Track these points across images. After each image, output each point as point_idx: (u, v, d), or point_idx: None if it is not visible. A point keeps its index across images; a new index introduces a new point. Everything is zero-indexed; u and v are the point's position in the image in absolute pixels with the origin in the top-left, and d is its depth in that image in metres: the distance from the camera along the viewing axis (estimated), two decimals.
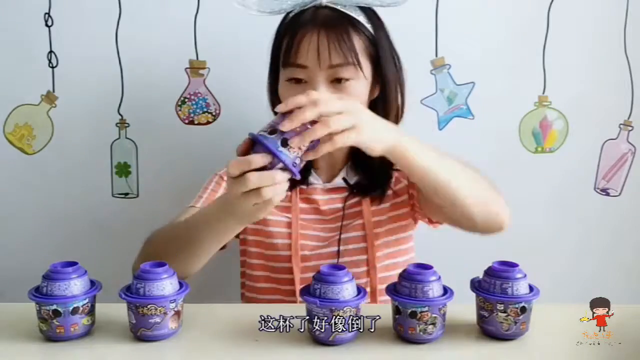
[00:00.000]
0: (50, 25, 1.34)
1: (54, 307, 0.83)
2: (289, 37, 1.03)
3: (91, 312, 0.86)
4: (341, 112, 0.81)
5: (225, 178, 1.16)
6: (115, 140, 1.40)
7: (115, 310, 0.88)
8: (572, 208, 1.45)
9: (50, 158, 1.40)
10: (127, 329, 0.87)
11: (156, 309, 0.83)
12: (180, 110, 1.39)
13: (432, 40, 1.37)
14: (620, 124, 1.42)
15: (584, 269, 1.47)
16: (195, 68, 1.37)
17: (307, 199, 1.16)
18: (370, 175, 1.14)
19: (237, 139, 1.38)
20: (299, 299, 1.02)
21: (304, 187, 1.15)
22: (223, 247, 1.18)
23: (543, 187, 1.44)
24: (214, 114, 1.39)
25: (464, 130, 1.40)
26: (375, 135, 0.85)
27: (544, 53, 1.38)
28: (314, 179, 1.16)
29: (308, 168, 1.14)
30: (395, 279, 0.88)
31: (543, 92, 1.40)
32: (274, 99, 1.13)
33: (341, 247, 1.12)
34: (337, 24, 1.01)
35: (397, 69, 1.11)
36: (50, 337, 0.85)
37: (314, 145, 0.80)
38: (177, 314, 0.85)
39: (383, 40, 1.08)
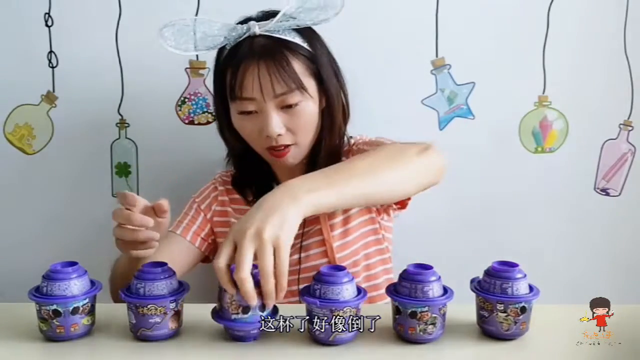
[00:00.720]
0: (51, 26, 1.34)
1: (54, 307, 0.83)
2: (231, 71, 1.05)
3: (91, 312, 0.86)
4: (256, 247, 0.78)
5: (197, 200, 1.23)
6: (115, 140, 1.40)
7: (115, 310, 0.88)
8: (572, 208, 1.45)
9: (50, 158, 1.40)
10: (127, 329, 0.87)
11: (156, 309, 0.83)
12: (180, 110, 1.39)
13: (432, 40, 1.37)
14: (620, 124, 1.42)
15: (584, 268, 1.47)
16: (195, 68, 1.37)
17: None
18: None
19: None
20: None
21: None
22: (209, 261, 1.23)
23: (543, 187, 1.44)
24: (214, 114, 1.39)
25: (464, 130, 1.40)
26: (283, 225, 0.80)
27: (544, 53, 1.38)
28: None
29: (270, 184, 1.18)
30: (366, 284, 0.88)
31: (543, 92, 1.40)
32: (224, 131, 1.15)
33: (302, 254, 1.16)
34: (275, 53, 1.03)
35: (337, 79, 1.13)
36: (50, 337, 0.85)
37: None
38: (177, 313, 0.86)
39: (322, 55, 1.10)
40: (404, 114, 1.39)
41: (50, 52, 1.35)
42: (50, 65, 1.36)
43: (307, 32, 1.09)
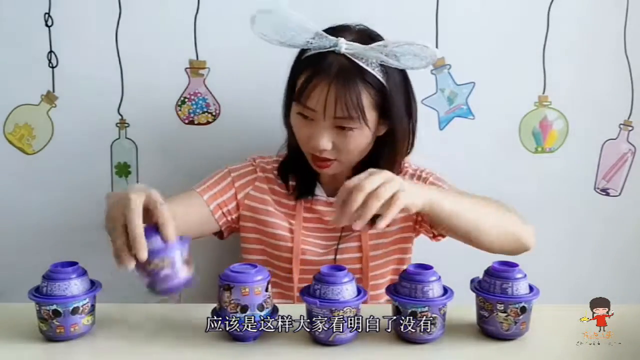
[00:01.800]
0: (51, 26, 1.34)
1: (54, 307, 0.83)
2: (304, 77, 1.06)
3: (91, 312, 0.86)
4: (382, 184, 0.86)
5: (232, 174, 1.21)
6: (115, 140, 1.40)
7: (115, 310, 0.88)
8: (572, 208, 1.45)
9: (50, 158, 1.39)
10: (127, 329, 0.87)
11: (163, 261, 0.81)
12: (180, 110, 1.39)
13: (432, 40, 1.36)
14: (620, 124, 1.42)
15: (584, 268, 1.47)
16: (195, 68, 1.37)
17: (311, 209, 1.19)
18: None
19: (237, 139, 1.40)
20: (296, 300, 1.09)
21: (308, 197, 1.19)
22: (221, 237, 1.23)
23: (543, 187, 1.44)
24: (214, 113, 1.39)
25: (464, 130, 1.40)
26: (413, 197, 0.90)
27: (544, 53, 1.38)
28: (319, 192, 1.20)
29: (314, 181, 1.19)
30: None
31: (543, 92, 1.40)
32: (287, 120, 1.16)
33: (337, 256, 1.17)
34: (349, 79, 1.03)
35: (409, 116, 1.13)
36: (50, 337, 0.85)
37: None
38: (187, 262, 0.84)
39: (396, 91, 1.09)
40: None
41: (50, 52, 1.35)
42: (50, 65, 1.36)
43: (393, 71, 1.07)
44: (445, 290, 0.86)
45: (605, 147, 1.43)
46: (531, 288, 0.87)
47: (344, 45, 1.03)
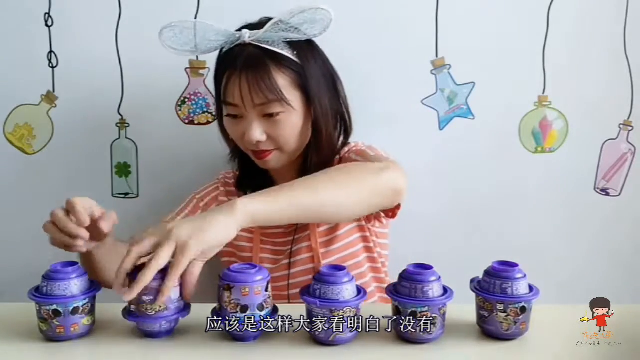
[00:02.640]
0: (51, 25, 1.34)
1: (54, 307, 0.83)
2: (220, 75, 1.10)
3: (91, 312, 0.86)
4: (157, 244, 0.82)
5: (197, 197, 1.25)
6: (115, 140, 1.40)
7: (115, 310, 0.88)
8: (571, 208, 1.45)
9: (50, 158, 1.40)
10: (127, 329, 0.87)
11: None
12: (180, 110, 1.39)
13: (432, 40, 1.37)
14: (620, 124, 1.42)
15: (584, 268, 1.47)
16: (195, 68, 1.37)
17: None
18: None
19: None
20: None
21: None
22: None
23: (543, 187, 1.44)
24: (214, 114, 1.39)
25: (464, 130, 1.40)
26: (213, 231, 0.83)
27: (544, 53, 1.38)
28: None
29: (266, 185, 1.17)
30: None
31: (543, 92, 1.40)
32: (222, 129, 1.18)
33: (292, 259, 1.18)
34: (258, 64, 1.04)
35: (334, 93, 1.14)
36: (50, 337, 0.85)
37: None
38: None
39: (313, 69, 1.10)
40: (404, 114, 1.39)
41: (50, 52, 1.35)
42: (50, 65, 1.36)
43: (300, 45, 1.09)
44: (445, 290, 0.86)
45: (605, 147, 1.43)
46: (531, 288, 0.87)
47: (247, 34, 1.06)
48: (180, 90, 1.38)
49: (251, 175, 1.22)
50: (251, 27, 1.08)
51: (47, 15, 1.34)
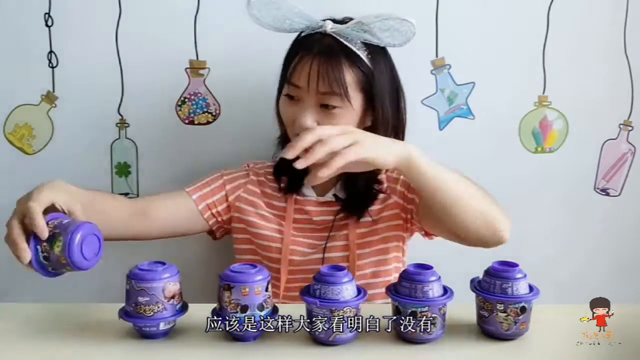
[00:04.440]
0: (51, 26, 1.34)
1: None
2: (292, 56, 1.11)
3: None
4: (339, 134, 0.88)
5: (224, 177, 1.22)
6: (115, 140, 1.40)
7: (115, 310, 0.88)
8: (571, 208, 1.45)
9: (50, 158, 1.39)
10: (127, 329, 0.87)
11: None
12: (180, 110, 1.39)
13: (432, 40, 1.37)
14: (620, 124, 1.42)
15: (584, 269, 1.47)
16: (195, 68, 1.37)
17: (301, 209, 1.20)
18: (356, 194, 1.18)
19: (237, 139, 1.40)
20: (281, 300, 1.12)
21: (298, 197, 1.20)
22: (214, 237, 1.25)
23: (543, 187, 1.44)
24: (214, 114, 1.39)
25: (464, 130, 1.40)
26: (382, 149, 0.91)
27: (543, 53, 1.38)
28: (308, 191, 1.21)
29: (302, 181, 1.20)
30: (379, 287, 0.88)
31: (543, 92, 1.40)
32: (278, 109, 1.18)
33: (325, 255, 1.17)
34: (333, 55, 1.06)
35: (395, 103, 1.15)
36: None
37: None
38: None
39: (381, 76, 1.11)
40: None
41: (50, 52, 1.35)
42: (50, 65, 1.36)
43: (376, 50, 1.10)
44: (445, 290, 0.86)
45: (605, 147, 1.43)
46: (531, 288, 0.87)
47: (329, 25, 1.08)
48: (180, 90, 1.38)
49: (289, 164, 1.19)
50: (334, 21, 1.10)
51: (47, 15, 1.34)
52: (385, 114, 1.12)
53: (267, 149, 1.28)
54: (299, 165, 0.85)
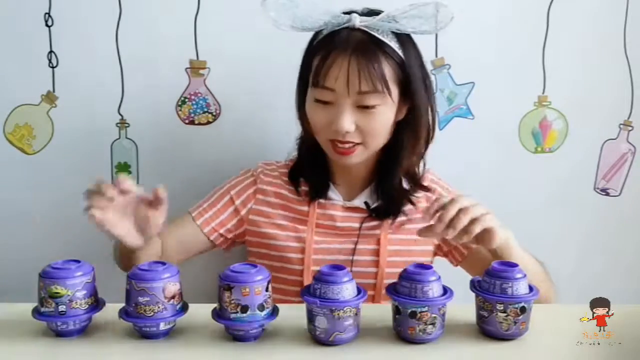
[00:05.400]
0: (51, 25, 1.34)
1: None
2: (320, 57, 1.03)
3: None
4: (474, 204, 0.93)
5: (231, 192, 1.19)
6: (115, 140, 1.40)
7: (115, 310, 0.88)
8: (571, 208, 1.45)
9: (51, 158, 1.39)
10: (127, 329, 0.87)
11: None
12: (180, 110, 1.39)
13: (432, 40, 1.36)
14: (620, 124, 1.42)
15: (584, 269, 1.47)
16: (196, 68, 1.37)
17: (325, 214, 1.16)
18: (392, 201, 1.14)
19: (238, 139, 1.40)
20: None
21: (322, 201, 1.16)
22: (226, 249, 1.22)
23: (543, 187, 1.44)
24: (214, 114, 1.39)
25: (464, 130, 1.40)
26: (499, 227, 0.95)
27: (543, 53, 1.38)
28: (334, 194, 1.16)
29: (328, 183, 1.16)
30: None
31: (543, 92, 1.40)
32: (301, 112, 1.13)
33: (354, 257, 1.13)
34: (368, 50, 1.01)
35: (427, 92, 1.10)
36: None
37: None
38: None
39: (414, 64, 1.07)
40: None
41: (51, 52, 1.35)
42: (51, 65, 1.36)
43: (404, 39, 1.06)
44: (445, 290, 0.86)
45: (605, 147, 1.43)
46: (531, 288, 0.87)
47: (358, 19, 1.03)
48: (181, 90, 1.38)
49: (309, 166, 1.17)
50: (359, 13, 1.05)
51: (47, 15, 1.34)
52: (422, 104, 1.08)
53: (268, 148, 1.28)
54: (450, 236, 0.91)
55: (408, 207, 1.15)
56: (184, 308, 0.87)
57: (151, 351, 0.84)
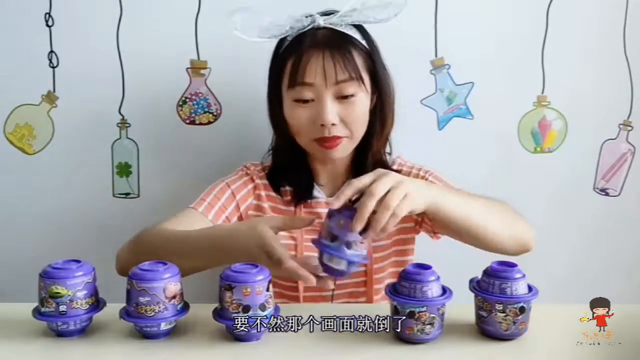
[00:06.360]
0: (51, 26, 1.35)
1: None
2: (294, 59, 1.08)
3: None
4: (392, 187, 0.86)
5: (231, 186, 1.18)
6: (116, 141, 1.40)
7: (115, 310, 0.88)
8: (571, 208, 1.45)
9: (51, 158, 1.40)
10: (128, 329, 0.88)
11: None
12: (181, 110, 1.39)
13: (431, 41, 1.37)
14: (620, 124, 1.42)
15: (584, 269, 1.47)
16: (197, 68, 1.37)
17: (312, 212, 1.18)
18: None
19: (238, 139, 1.40)
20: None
21: (308, 201, 1.18)
22: None
23: (542, 187, 1.44)
24: (215, 114, 1.39)
25: (463, 130, 1.41)
26: (420, 197, 0.89)
27: (543, 53, 1.38)
28: (318, 193, 1.19)
29: (311, 183, 1.19)
30: None
31: (542, 92, 1.40)
32: (276, 119, 1.16)
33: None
34: (339, 43, 1.07)
35: (389, 79, 1.16)
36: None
37: None
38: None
39: (377, 53, 1.14)
40: (404, 113, 1.39)
41: (51, 52, 1.35)
42: (51, 65, 1.36)
43: (364, 30, 1.13)
44: (444, 290, 0.86)
45: (604, 147, 1.44)
46: (530, 288, 0.87)
47: (321, 19, 1.09)
48: (181, 90, 1.38)
49: (289, 170, 1.19)
50: (313, 16, 1.10)
51: (47, 15, 1.34)
52: (388, 90, 1.14)
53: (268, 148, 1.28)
54: (359, 229, 0.84)
55: None
56: (184, 308, 0.88)
57: (152, 351, 0.84)
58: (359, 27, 1.12)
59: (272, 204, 1.19)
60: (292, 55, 1.08)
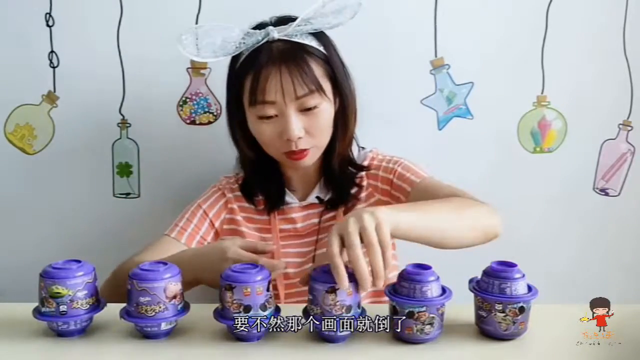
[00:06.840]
0: (52, 26, 1.35)
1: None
2: (252, 76, 1.06)
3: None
4: (360, 228, 0.83)
5: (203, 206, 1.19)
6: (116, 140, 1.40)
7: (115, 310, 0.88)
8: (571, 208, 1.45)
9: (51, 158, 1.40)
10: (129, 329, 0.88)
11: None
12: (181, 110, 1.39)
13: (431, 41, 1.37)
14: (620, 124, 1.43)
15: (584, 268, 1.48)
16: (197, 68, 1.37)
17: (286, 219, 1.20)
18: (340, 189, 1.18)
19: None
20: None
21: (281, 208, 1.20)
22: None
23: (542, 187, 1.44)
24: (215, 114, 1.39)
25: (463, 130, 1.41)
26: (382, 213, 0.86)
27: (542, 53, 1.38)
28: (290, 198, 1.20)
29: (283, 189, 1.19)
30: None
31: (542, 92, 1.40)
32: (237, 134, 1.16)
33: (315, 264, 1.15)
34: (295, 56, 1.05)
35: (349, 80, 1.15)
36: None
37: None
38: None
39: (334, 56, 1.12)
40: (404, 113, 1.39)
41: (51, 52, 1.36)
42: (51, 65, 1.36)
43: (321, 36, 1.11)
44: (444, 290, 0.86)
45: (604, 147, 1.44)
46: (530, 288, 0.87)
47: (275, 31, 1.06)
48: (182, 90, 1.38)
49: (261, 180, 1.20)
50: (272, 24, 1.09)
51: (48, 15, 1.34)
52: (349, 92, 1.13)
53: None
54: (369, 286, 0.82)
55: (354, 190, 1.19)
56: (185, 308, 0.88)
57: (152, 351, 0.84)
58: (315, 33, 1.09)
59: (245, 215, 1.21)
60: (250, 72, 1.06)
